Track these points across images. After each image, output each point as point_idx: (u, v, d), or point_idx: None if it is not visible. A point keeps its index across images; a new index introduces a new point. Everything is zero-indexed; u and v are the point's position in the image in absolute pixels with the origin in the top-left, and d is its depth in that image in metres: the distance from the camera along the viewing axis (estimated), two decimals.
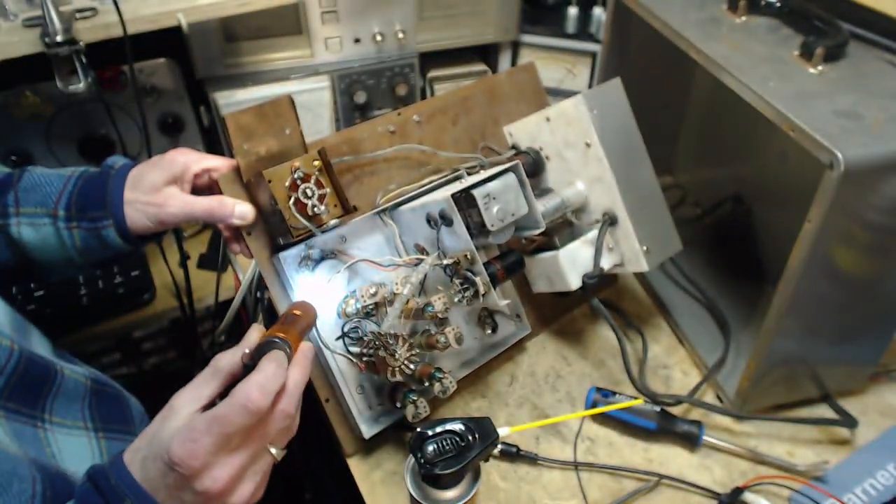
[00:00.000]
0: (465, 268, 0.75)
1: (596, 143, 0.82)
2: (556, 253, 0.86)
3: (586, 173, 0.85)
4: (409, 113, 0.87)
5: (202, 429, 0.51)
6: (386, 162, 0.84)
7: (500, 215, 0.75)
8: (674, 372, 0.94)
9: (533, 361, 0.95)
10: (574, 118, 0.83)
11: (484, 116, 0.92)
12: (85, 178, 0.74)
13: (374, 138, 0.84)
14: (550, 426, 0.87)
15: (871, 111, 0.67)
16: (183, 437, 0.51)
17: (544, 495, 0.80)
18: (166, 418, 0.54)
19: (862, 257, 0.73)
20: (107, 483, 0.53)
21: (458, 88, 0.92)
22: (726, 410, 0.86)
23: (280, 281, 0.76)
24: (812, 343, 0.80)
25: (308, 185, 0.71)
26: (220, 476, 0.52)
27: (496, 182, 0.76)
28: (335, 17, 1.16)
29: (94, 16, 0.95)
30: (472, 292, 0.75)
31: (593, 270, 0.84)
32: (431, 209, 0.77)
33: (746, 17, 0.83)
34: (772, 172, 1.01)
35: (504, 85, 0.95)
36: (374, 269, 0.80)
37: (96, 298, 1.06)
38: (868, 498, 0.79)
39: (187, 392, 0.56)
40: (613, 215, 0.85)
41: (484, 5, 1.23)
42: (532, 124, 0.90)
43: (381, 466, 0.82)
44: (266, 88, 1.14)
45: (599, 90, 0.84)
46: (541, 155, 0.90)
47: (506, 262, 0.79)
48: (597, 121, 0.82)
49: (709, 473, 0.82)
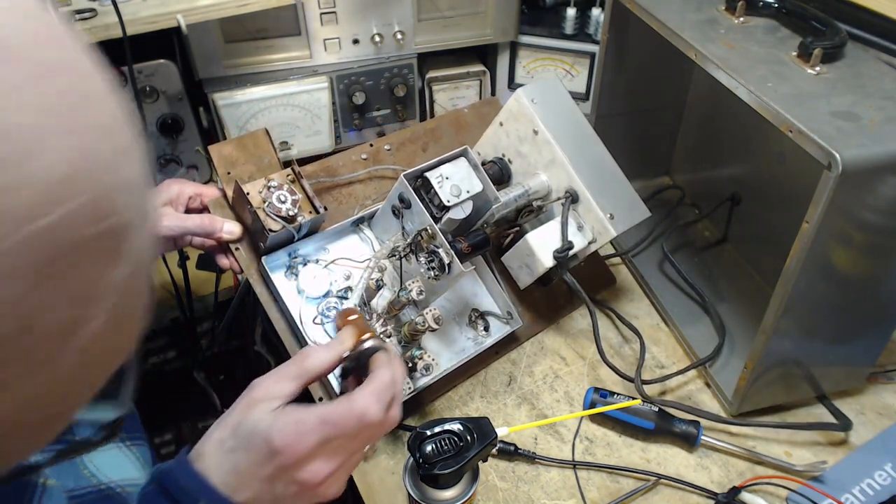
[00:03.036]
0: (429, 244, 0.79)
1: (542, 129, 0.87)
2: (525, 237, 0.88)
3: (542, 160, 0.89)
4: (381, 143, 0.96)
5: (312, 425, 0.52)
6: (361, 182, 0.93)
7: (454, 192, 0.80)
8: (671, 372, 0.94)
9: (531, 362, 0.96)
10: (519, 112, 0.88)
11: (452, 143, 0.99)
12: None
13: (348, 165, 0.92)
14: (549, 426, 0.87)
15: (869, 112, 0.67)
16: (291, 429, 0.52)
17: (542, 495, 0.80)
18: (250, 408, 0.54)
19: (859, 258, 0.73)
20: (175, 484, 0.52)
21: (426, 122, 1.02)
22: (723, 418, 0.86)
23: (269, 289, 0.82)
24: (809, 343, 0.81)
25: (281, 192, 0.78)
26: (321, 470, 0.53)
27: (448, 165, 0.81)
28: (334, 18, 1.16)
29: (93, 17, 0.95)
30: (436, 263, 0.78)
31: (562, 244, 0.86)
32: (393, 199, 0.82)
33: (744, 18, 0.83)
34: (769, 173, 1.01)
35: (468, 116, 1.03)
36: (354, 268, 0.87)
37: None
38: (865, 498, 0.79)
39: (271, 384, 0.56)
40: (573, 192, 0.87)
41: (482, 6, 1.23)
42: (490, 135, 0.94)
43: (379, 466, 0.82)
44: (265, 89, 1.14)
45: (537, 85, 0.90)
46: (504, 160, 0.93)
47: (472, 239, 0.82)
48: (539, 109, 0.87)
49: (706, 473, 0.82)
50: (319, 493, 0.55)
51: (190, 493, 0.52)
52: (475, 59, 1.32)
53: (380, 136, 1.22)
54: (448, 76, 1.28)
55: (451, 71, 1.29)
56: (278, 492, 0.53)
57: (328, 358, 0.59)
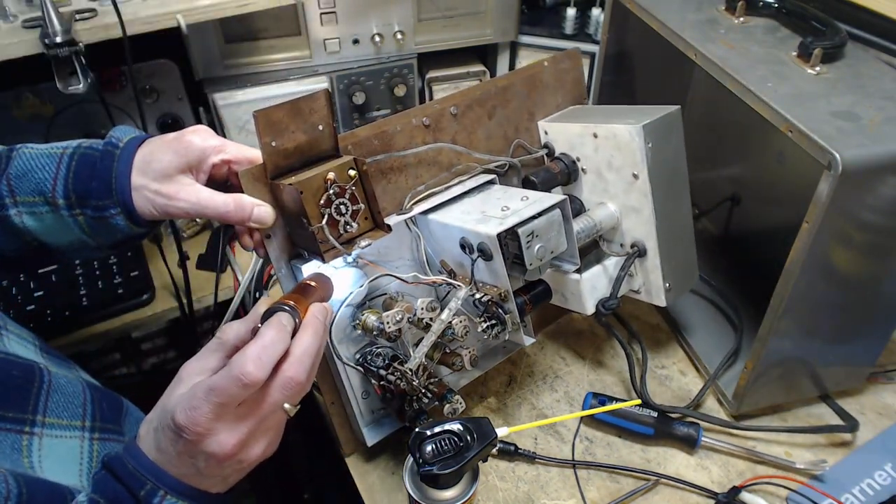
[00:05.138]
0: (497, 303, 0.72)
1: (644, 178, 0.77)
2: (579, 277, 0.82)
3: (624, 200, 0.81)
4: (447, 104, 0.81)
5: (201, 396, 0.52)
6: (416, 159, 0.79)
7: (540, 254, 0.71)
8: (672, 372, 0.94)
9: (531, 362, 0.96)
10: (626, 146, 0.77)
11: (520, 109, 0.87)
12: (80, 159, 0.67)
13: (407, 131, 0.78)
14: (549, 426, 0.87)
15: (869, 112, 0.67)
16: (185, 405, 0.52)
17: (542, 495, 0.80)
18: (173, 388, 0.55)
19: (859, 258, 0.73)
20: (124, 469, 0.53)
21: (499, 77, 0.87)
22: (726, 422, 0.86)
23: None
24: (810, 343, 0.80)
25: (342, 201, 0.64)
26: (227, 441, 0.53)
27: (541, 219, 0.71)
28: (334, 18, 1.16)
29: (93, 17, 0.95)
30: (499, 329, 0.73)
31: (610, 301, 0.82)
32: (470, 237, 0.72)
33: (744, 18, 0.83)
34: (769, 173, 1.01)
35: (546, 74, 0.89)
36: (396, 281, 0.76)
37: (95, 299, 1.06)
38: (865, 498, 0.79)
39: (194, 362, 0.57)
40: (643, 248, 0.82)
41: (482, 6, 1.23)
42: (574, 133, 0.84)
43: (379, 466, 0.82)
44: (265, 89, 1.14)
45: (660, 122, 0.77)
46: (577, 165, 0.85)
47: (533, 292, 0.76)
48: (650, 154, 0.76)
49: (706, 473, 0.82)
50: (241, 460, 0.55)
51: (139, 477, 0.53)
52: (475, 59, 1.32)
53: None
54: (448, 76, 1.29)
55: (451, 71, 1.29)
56: (200, 466, 0.54)
57: (243, 328, 0.59)
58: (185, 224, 1.19)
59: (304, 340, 0.57)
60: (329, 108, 0.67)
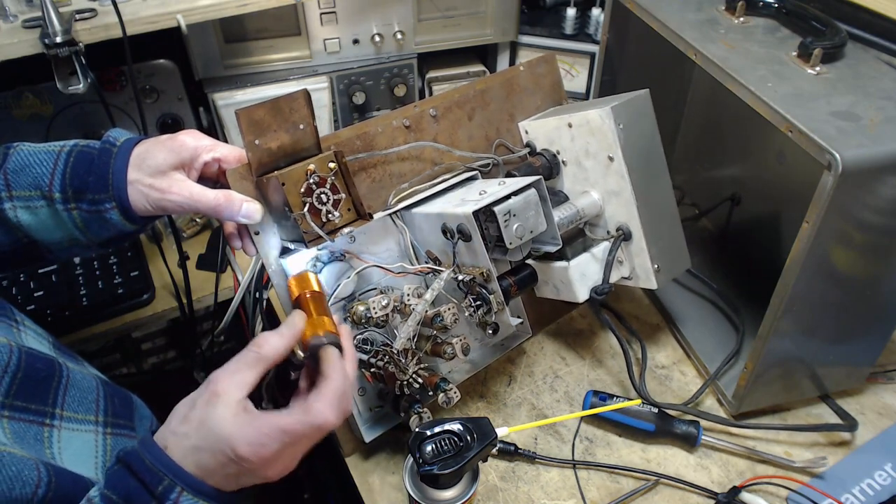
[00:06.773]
0: (480, 284, 0.74)
1: (619, 159, 0.79)
2: (566, 264, 0.84)
3: (604, 185, 0.83)
4: (426, 106, 0.84)
5: (273, 436, 0.54)
6: (399, 158, 0.81)
7: (519, 233, 0.73)
8: (672, 372, 0.94)
9: (531, 362, 0.96)
10: (598, 129, 0.80)
11: (500, 111, 0.90)
12: (77, 155, 0.68)
13: (388, 133, 0.81)
14: (548, 426, 0.87)
15: (869, 112, 0.67)
16: (251, 440, 0.53)
17: (542, 495, 0.80)
18: (211, 404, 0.54)
19: (859, 258, 0.73)
20: (141, 464, 0.54)
21: (477, 80, 0.89)
22: (726, 420, 0.86)
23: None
24: (809, 343, 0.80)
25: (323, 190, 0.67)
26: (283, 469, 0.57)
27: (518, 198, 0.73)
28: (334, 18, 1.16)
29: (93, 17, 0.95)
30: (484, 309, 0.74)
31: (602, 286, 0.83)
32: (449, 221, 0.74)
33: (744, 18, 0.83)
34: (769, 173, 1.01)
35: (522, 77, 0.92)
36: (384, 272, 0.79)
37: (96, 298, 1.06)
38: (865, 498, 0.79)
39: (230, 376, 0.56)
40: (628, 231, 0.83)
41: (482, 6, 1.23)
42: (551, 127, 0.87)
43: (379, 466, 0.82)
44: (265, 89, 1.14)
45: (628, 103, 0.80)
46: (557, 159, 0.87)
47: (519, 275, 0.78)
48: (622, 135, 0.78)
49: (706, 473, 0.82)
50: (272, 477, 0.58)
51: (156, 472, 0.53)
52: (475, 59, 1.32)
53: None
54: (448, 76, 1.29)
55: (451, 71, 1.29)
56: (242, 482, 0.56)
57: (282, 344, 0.59)
58: (185, 224, 1.19)
59: (351, 374, 0.61)
60: (309, 108, 0.70)
